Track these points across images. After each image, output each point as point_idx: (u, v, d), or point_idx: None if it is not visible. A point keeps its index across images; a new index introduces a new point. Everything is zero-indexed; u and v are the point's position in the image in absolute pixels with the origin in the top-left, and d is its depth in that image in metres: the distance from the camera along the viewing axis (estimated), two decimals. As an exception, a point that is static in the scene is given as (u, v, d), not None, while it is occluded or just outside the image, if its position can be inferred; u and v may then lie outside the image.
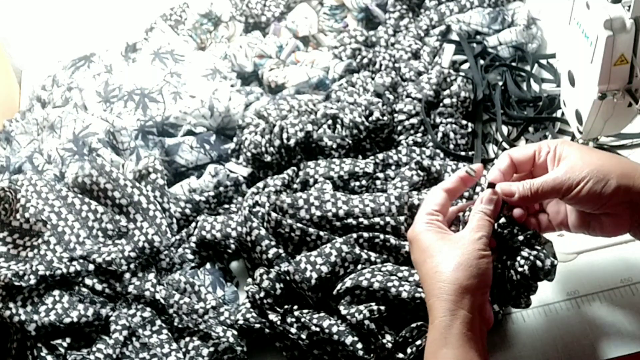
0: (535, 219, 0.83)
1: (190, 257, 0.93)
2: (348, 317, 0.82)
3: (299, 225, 0.89)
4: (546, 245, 0.81)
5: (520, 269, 0.79)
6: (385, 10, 1.22)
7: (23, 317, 0.82)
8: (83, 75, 1.13)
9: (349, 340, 0.81)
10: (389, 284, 0.82)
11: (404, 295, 0.81)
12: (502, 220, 0.80)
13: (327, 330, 0.82)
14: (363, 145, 1.02)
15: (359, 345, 0.81)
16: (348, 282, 0.84)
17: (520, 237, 0.80)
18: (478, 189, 0.93)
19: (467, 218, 0.79)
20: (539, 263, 0.79)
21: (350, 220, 0.90)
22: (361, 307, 0.82)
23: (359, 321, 0.81)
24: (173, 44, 1.17)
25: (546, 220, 0.83)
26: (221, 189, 0.99)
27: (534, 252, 0.80)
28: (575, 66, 0.89)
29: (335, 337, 0.81)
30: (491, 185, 0.79)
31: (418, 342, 0.80)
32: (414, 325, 0.81)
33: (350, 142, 1.01)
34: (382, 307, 0.82)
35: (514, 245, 0.81)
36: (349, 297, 0.83)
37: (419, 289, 0.81)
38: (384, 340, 0.81)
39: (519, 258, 0.80)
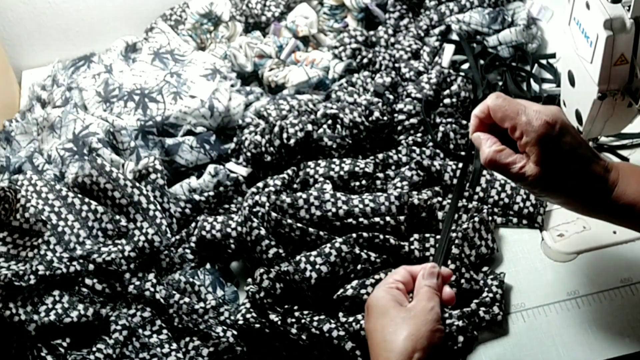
0: None
1: (190, 257, 0.93)
2: (346, 325, 0.82)
3: (299, 225, 0.89)
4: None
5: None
6: (385, 10, 1.22)
7: (23, 317, 0.82)
8: (83, 75, 1.13)
9: (348, 346, 0.81)
10: None
11: None
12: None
13: (327, 335, 0.82)
14: (363, 145, 1.02)
15: (358, 352, 0.81)
16: (349, 291, 0.84)
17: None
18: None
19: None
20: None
21: (350, 220, 0.90)
22: (359, 317, 0.82)
23: (356, 331, 0.81)
24: (173, 44, 1.17)
25: None
26: (221, 189, 0.99)
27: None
28: (575, 66, 0.89)
29: (335, 342, 0.81)
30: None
31: None
32: None
33: (350, 142, 1.01)
34: None
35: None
36: (349, 303, 0.84)
37: None
38: None
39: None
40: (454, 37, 1.16)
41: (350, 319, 0.82)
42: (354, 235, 0.88)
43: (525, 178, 0.72)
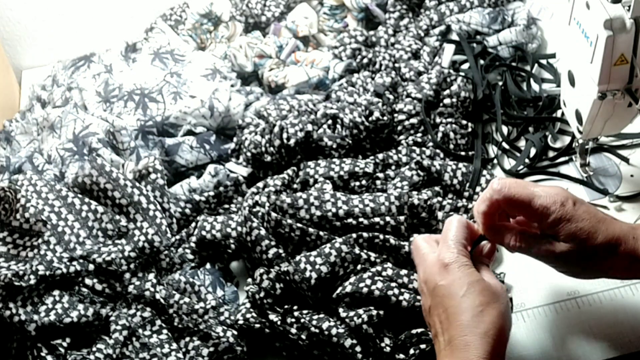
0: None
1: (190, 257, 0.93)
2: (347, 320, 0.82)
3: (299, 225, 0.89)
4: None
5: None
6: (385, 10, 1.22)
7: (23, 317, 0.82)
8: (83, 75, 1.13)
9: (347, 343, 0.81)
10: (389, 292, 0.82)
11: (404, 304, 0.81)
12: None
13: (326, 332, 0.82)
14: (363, 145, 1.02)
15: (358, 349, 0.81)
16: (348, 287, 0.83)
17: None
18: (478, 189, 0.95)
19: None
20: None
21: (350, 220, 0.90)
22: (360, 311, 0.82)
23: (358, 325, 0.81)
24: (173, 44, 1.17)
25: None
26: (221, 189, 0.99)
27: None
28: (575, 66, 0.89)
29: (335, 339, 0.81)
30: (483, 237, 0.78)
31: (422, 346, 0.80)
32: (414, 332, 0.81)
33: (350, 142, 1.01)
34: (381, 312, 0.82)
35: None
36: (349, 299, 0.83)
37: (418, 297, 0.81)
38: (383, 344, 0.81)
39: None
40: (454, 37, 1.16)
41: (351, 313, 0.82)
42: (354, 235, 0.88)
43: (558, 255, 0.74)
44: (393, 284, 0.83)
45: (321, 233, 0.89)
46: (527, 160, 1.02)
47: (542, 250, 0.75)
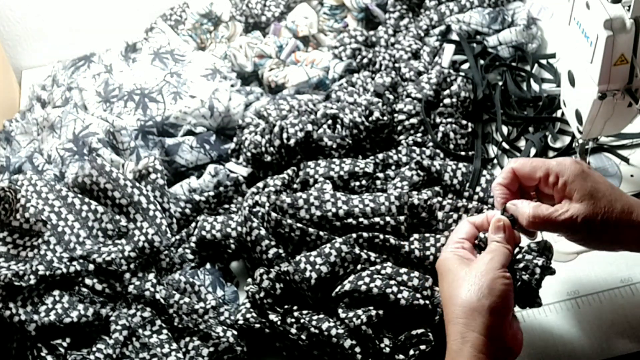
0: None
1: (190, 257, 0.93)
2: (346, 321, 0.82)
3: (299, 225, 0.89)
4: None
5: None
6: (385, 10, 1.22)
7: (23, 317, 0.82)
8: (83, 75, 1.13)
9: (347, 343, 0.81)
10: (388, 290, 0.82)
11: (402, 302, 0.81)
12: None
13: (325, 333, 0.82)
14: (363, 145, 1.02)
15: (357, 349, 0.81)
16: (347, 286, 0.83)
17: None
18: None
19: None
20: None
21: (350, 220, 0.90)
22: (359, 312, 0.82)
23: (357, 326, 0.81)
24: (173, 44, 1.17)
25: None
26: (221, 189, 0.99)
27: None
28: (575, 66, 0.89)
29: (334, 340, 0.81)
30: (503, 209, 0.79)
31: (422, 347, 0.80)
32: (414, 332, 0.81)
33: (350, 142, 1.01)
34: (381, 312, 0.82)
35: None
36: (348, 300, 0.83)
37: (417, 295, 0.81)
38: (382, 345, 0.81)
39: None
40: (454, 37, 1.16)
41: (350, 314, 0.82)
42: (354, 235, 0.88)
43: (574, 220, 0.74)
44: (392, 282, 0.83)
45: (321, 233, 0.89)
46: (527, 160, 1.02)
47: (561, 215, 0.74)
